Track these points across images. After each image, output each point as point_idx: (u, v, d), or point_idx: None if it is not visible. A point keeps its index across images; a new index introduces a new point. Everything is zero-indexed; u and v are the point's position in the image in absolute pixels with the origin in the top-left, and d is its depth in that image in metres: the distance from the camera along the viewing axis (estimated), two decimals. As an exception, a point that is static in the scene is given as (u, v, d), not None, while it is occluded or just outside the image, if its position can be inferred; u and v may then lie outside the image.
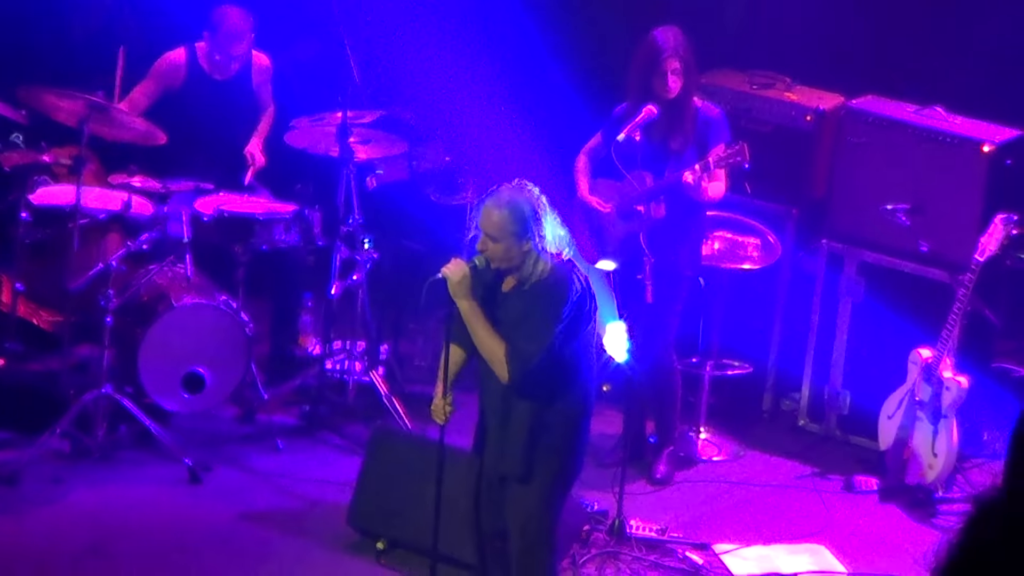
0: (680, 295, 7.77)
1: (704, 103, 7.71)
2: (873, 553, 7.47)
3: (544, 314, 5.82)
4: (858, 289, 8.31)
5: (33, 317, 8.26)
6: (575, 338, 5.90)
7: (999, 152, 7.98)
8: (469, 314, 5.85)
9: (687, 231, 7.75)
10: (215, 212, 8.12)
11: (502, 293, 5.94)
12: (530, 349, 5.82)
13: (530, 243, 5.79)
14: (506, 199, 5.82)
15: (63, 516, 7.34)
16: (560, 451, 6.00)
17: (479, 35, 9.18)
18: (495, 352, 5.84)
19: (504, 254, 5.82)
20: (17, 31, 9.20)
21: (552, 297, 5.82)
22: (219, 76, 8.65)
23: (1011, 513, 3.16)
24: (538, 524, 6.03)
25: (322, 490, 7.68)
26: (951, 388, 7.73)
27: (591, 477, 7.89)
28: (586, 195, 7.77)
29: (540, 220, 5.82)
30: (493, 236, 5.81)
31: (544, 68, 9.22)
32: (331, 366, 8.45)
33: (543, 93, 9.16)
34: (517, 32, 9.25)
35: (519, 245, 5.80)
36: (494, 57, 9.16)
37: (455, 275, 5.83)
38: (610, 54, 8.80)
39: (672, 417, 7.99)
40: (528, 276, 5.85)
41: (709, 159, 7.44)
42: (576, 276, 5.87)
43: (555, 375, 5.91)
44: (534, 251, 5.81)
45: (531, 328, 5.82)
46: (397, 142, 8.61)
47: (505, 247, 5.80)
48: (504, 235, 5.79)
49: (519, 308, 5.87)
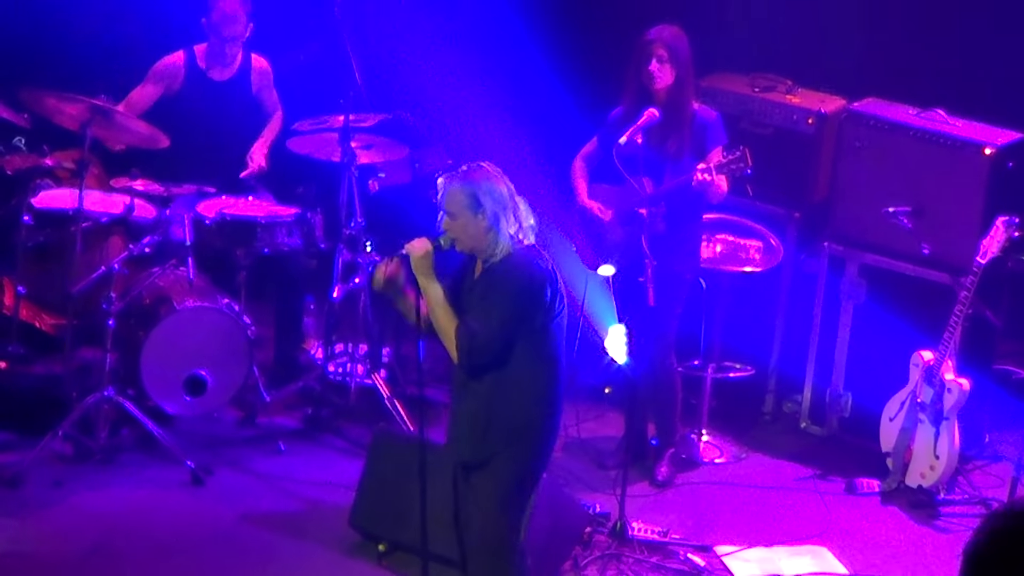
0: (680, 298, 7.78)
1: (701, 106, 7.71)
2: (875, 555, 7.46)
3: (497, 297, 5.82)
4: (859, 291, 8.32)
5: (35, 320, 8.27)
6: (533, 327, 5.83)
7: (1000, 155, 7.98)
8: (428, 291, 5.88)
9: (686, 235, 7.76)
10: (217, 215, 8.13)
11: (472, 280, 5.97)
12: (476, 328, 5.81)
13: (486, 219, 5.81)
14: (461, 175, 5.89)
15: (65, 519, 7.34)
16: (518, 442, 5.91)
17: (480, 39, 9.20)
18: (447, 330, 5.86)
19: (463, 232, 5.85)
20: (19, 35, 9.22)
21: (508, 281, 5.83)
22: (218, 77, 8.66)
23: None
24: (495, 518, 5.94)
25: (324, 492, 7.69)
26: (952, 390, 7.74)
27: (593, 479, 7.91)
28: (586, 201, 7.78)
29: (497, 197, 5.83)
30: (451, 212, 5.87)
31: (542, 72, 9.24)
32: (333, 369, 8.47)
33: (541, 97, 9.17)
34: (517, 36, 9.26)
35: (475, 221, 5.81)
36: (495, 61, 9.17)
37: (417, 252, 5.87)
38: (608, 58, 8.80)
39: (672, 419, 7.99)
40: (491, 256, 5.87)
41: (711, 163, 7.45)
42: (538, 263, 5.86)
43: (511, 362, 5.85)
44: (493, 228, 5.83)
45: (483, 310, 5.84)
46: (399, 145, 8.62)
47: (463, 223, 5.84)
48: (460, 209, 5.84)
49: (480, 291, 5.90)
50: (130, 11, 9.38)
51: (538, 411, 5.93)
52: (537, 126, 9.03)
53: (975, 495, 7.95)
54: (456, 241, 5.89)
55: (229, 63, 8.66)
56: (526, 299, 5.82)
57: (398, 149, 8.60)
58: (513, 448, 5.93)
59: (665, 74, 7.54)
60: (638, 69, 7.57)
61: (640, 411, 7.95)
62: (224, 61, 8.63)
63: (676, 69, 7.54)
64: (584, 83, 9.18)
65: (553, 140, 8.73)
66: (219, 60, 8.63)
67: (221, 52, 8.60)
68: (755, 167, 7.46)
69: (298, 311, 8.69)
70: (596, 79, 9.07)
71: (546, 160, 8.57)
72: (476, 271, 5.96)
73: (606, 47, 9.19)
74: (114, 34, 9.39)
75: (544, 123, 9.04)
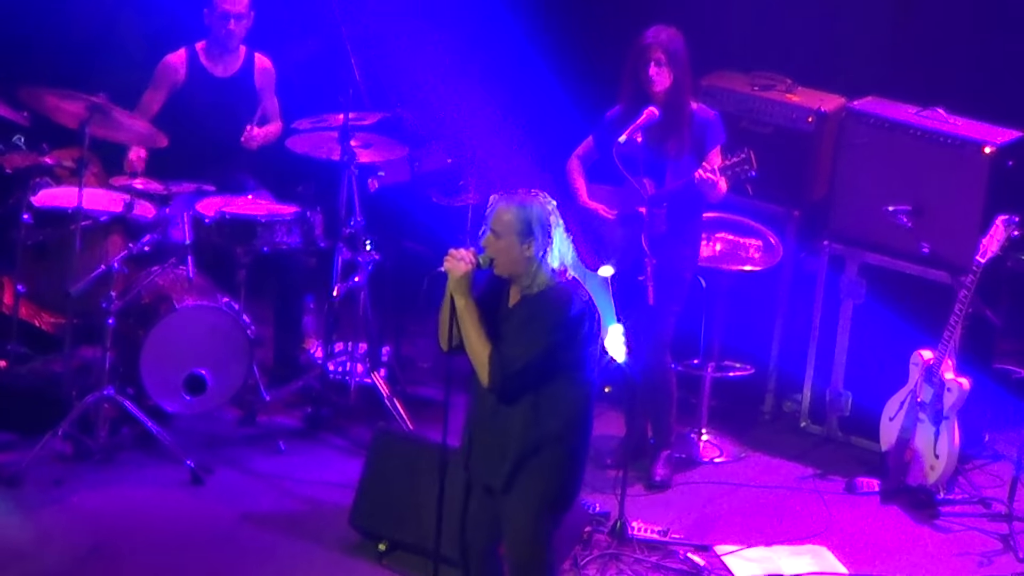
0: (679, 298, 7.77)
1: (700, 106, 7.71)
2: (875, 554, 7.46)
3: (536, 326, 5.80)
4: (859, 290, 8.32)
5: (35, 319, 8.27)
6: (569, 358, 5.84)
7: (1000, 153, 7.98)
8: (463, 311, 5.85)
9: (686, 235, 7.75)
10: (217, 214, 8.13)
11: (507, 308, 5.93)
12: (512, 355, 5.80)
13: (532, 248, 5.79)
14: (519, 199, 5.84)
15: (65, 518, 7.33)
16: (550, 472, 5.90)
17: (478, 37, 9.19)
18: (480, 354, 5.83)
19: (506, 254, 5.81)
20: (18, 33, 9.21)
21: (548, 311, 5.81)
22: (220, 73, 8.65)
23: None
24: (530, 544, 5.95)
25: (324, 491, 7.68)
26: (952, 389, 7.74)
27: (593, 479, 7.89)
28: (587, 202, 7.76)
29: (547, 229, 5.82)
30: (498, 232, 5.82)
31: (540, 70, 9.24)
32: (333, 368, 8.46)
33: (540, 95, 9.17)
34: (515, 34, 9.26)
35: (521, 247, 5.80)
36: (493, 59, 9.16)
37: (456, 270, 5.84)
38: (607, 56, 8.80)
39: (668, 420, 7.96)
40: (528, 285, 5.85)
41: (714, 164, 7.44)
42: (579, 296, 5.86)
43: (545, 392, 5.85)
44: (536, 260, 5.82)
45: (519, 337, 5.83)
46: (398, 144, 8.61)
47: (507, 244, 5.80)
48: (508, 232, 5.79)
49: (518, 320, 5.87)
50: (131, 10, 9.38)
51: (570, 436, 5.92)
52: (536, 125, 9.02)
53: (975, 495, 7.96)
54: (495, 262, 5.86)
55: (230, 58, 8.65)
56: (565, 334, 5.81)
57: (397, 148, 8.59)
58: (549, 480, 5.92)
59: (663, 77, 7.54)
60: (635, 72, 7.57)
61: (640, 410, 7.95)
62: (225, 56, 8.62)
63: (674, 71, 7.54)
64: (582, 81, 9.18)
65: (550, 138, 8.73)
66: (220, 55, 8.62)
67: (222, 46, 8.59)
68: (756, 166, 7.46)
69: (298, 310, 8.68)
70: (594, 77, 9.08)
71: (544, 158, 8.58)
72: (511, 298, 5.92)
73: (604, 45, 9.19)
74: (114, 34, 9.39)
75: (542, 121, 9.04)
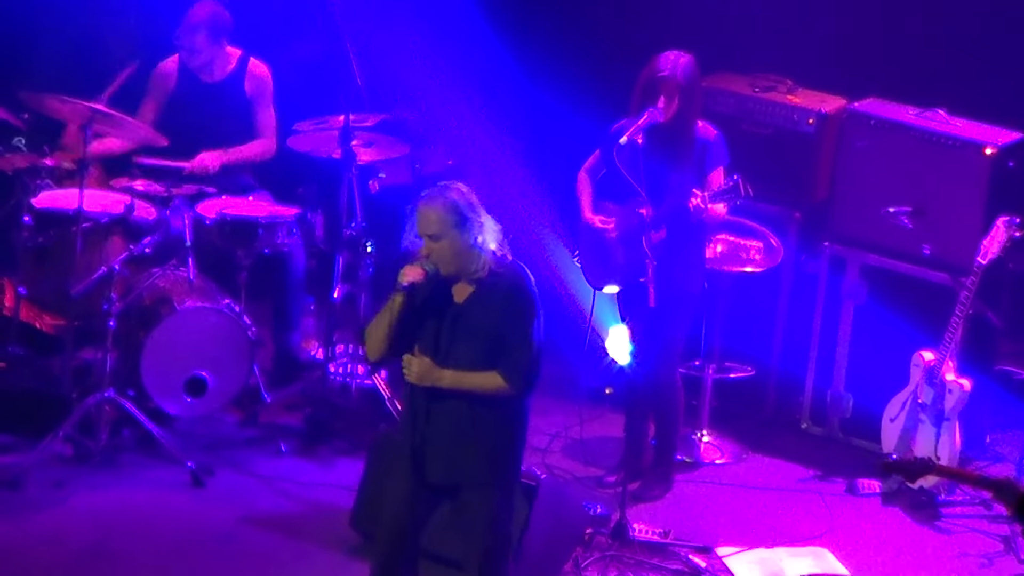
0: (687, 312, 7.72)
1: (704, 124, 7.64)
2: (876, 556, 7.47)
3: (521, 320, 5.82)
4: (860, 292, 8.32)
5: (36, 321, 8.27)
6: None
7: (1001, 155, 7.99)
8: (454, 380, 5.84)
9: (690, 250, 7.68)
10: (217, 215, 8.13)
11: (456, 305, 5.91)
12: (527, 358, 5.82)
13: (471, 234, 5.78)
14: (437, 195, 5.83)
15: (66, 520, 7.34)
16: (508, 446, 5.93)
17: (481, 39, 9.19)
18: (487, 387, 5.85)
19: (450, 252, 5.80)
20: (19, 34, 9.22)
21: (522, 301, 5.83)
22: (208, 79, 8.64)
23: None
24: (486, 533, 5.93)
25: (325, 493, 7.69)
26: (953, 391, 7.74)
27: (593, 480, 7.91)
28: (590, 216, 7.72)
29: (476, 210, 5.83)
30: (435, 235, 5.80)
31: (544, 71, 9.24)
32: (334, 370, 8.45)
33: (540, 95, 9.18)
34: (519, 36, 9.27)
35: (462, 239, 5.79)
36: (496, 60, 9.17)
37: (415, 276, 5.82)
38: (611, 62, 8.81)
39: (673, 432, 7.90)
40: (475, 271, 5.85)
41: (708, 190, 7.41)
42: (525, 270, 5.90)
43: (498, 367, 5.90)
44: (475, 247, 5.81)
45: (515, 339, 5.83)
46: (399, 145, 8.62)
47: (449, 242, 5.78)
48: (445, 229, 5.78)
49: (482, 318, 5.85)
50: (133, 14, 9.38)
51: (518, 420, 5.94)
52: (536, 125, 9.03)
53: (976, 496, 7.94)
54: (440, 265, 5.83)
55: (218, 64, 8.62)
56: (536, 309, 5.85)
57: (398, 148, 8.60)
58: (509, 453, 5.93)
59: (672, 107, 7.50)
60: (646, 96, 7.50)
61: (640, 419, 7.90)
62: (212, 62, 8.61)
63: (684, 100, 7.50)
64: (585, 82, 9.18)
65: (551, 139, 8.73)
66: (201, 68, 8.61)
67: (191, 56, 8.58)
68: (755, 167, 7.45)
69: (298, 312, 8.68)
70: (599, 80, 9.08)
71: (544, 159, 8.58)
72: (458, 296, 5.89)
73: (609, 51, 9.20)
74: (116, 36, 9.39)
75: (542, 122, 9.04)
